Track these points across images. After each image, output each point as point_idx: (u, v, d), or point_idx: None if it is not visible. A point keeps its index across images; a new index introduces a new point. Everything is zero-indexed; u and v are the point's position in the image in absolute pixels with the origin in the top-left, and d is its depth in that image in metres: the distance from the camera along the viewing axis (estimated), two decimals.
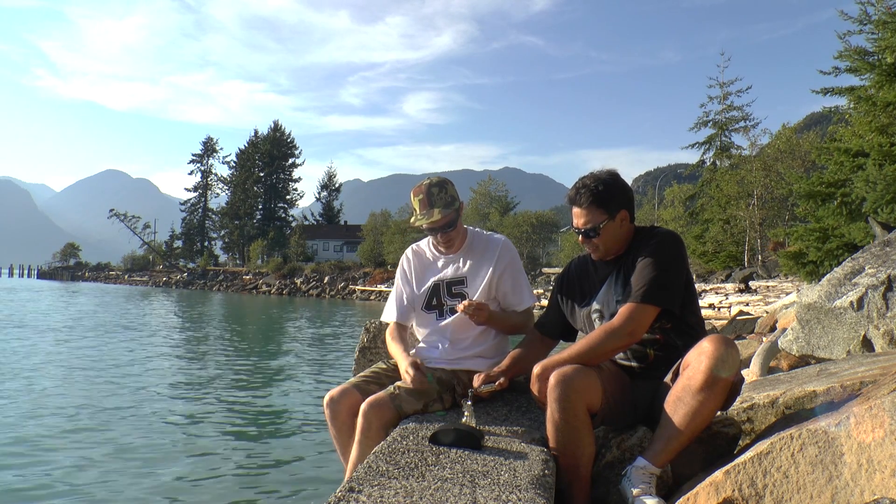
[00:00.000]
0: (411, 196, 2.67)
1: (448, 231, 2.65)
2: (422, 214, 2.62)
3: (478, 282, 2.67)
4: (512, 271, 2.69)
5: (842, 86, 14.22)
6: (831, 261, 12.14)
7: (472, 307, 2.51)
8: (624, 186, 2.32)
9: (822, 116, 21.35)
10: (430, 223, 2.61)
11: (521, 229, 44.71)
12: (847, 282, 3.96)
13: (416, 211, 2.65)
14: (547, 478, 1.86)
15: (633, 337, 2.17)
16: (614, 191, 2.27)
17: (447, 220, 2.62)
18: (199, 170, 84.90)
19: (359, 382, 2.58)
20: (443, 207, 2.60)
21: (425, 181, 2.68)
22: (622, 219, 2.28)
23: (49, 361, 10.78)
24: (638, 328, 2.16)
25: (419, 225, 2.64)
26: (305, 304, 37.17)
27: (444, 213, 2.59)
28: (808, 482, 1.64)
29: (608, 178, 2.29)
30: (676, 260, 2.23)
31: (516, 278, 2.70)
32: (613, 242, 2.30)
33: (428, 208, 2.61)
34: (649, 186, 58.18)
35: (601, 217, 2.26)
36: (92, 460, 5.29)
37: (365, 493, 1.66)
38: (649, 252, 2.21)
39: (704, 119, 38.29)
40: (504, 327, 2.70)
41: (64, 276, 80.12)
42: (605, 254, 2.34)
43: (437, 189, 2.62)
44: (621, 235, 2.30)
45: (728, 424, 2.27)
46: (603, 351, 2.17)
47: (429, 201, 2.61)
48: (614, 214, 2.26)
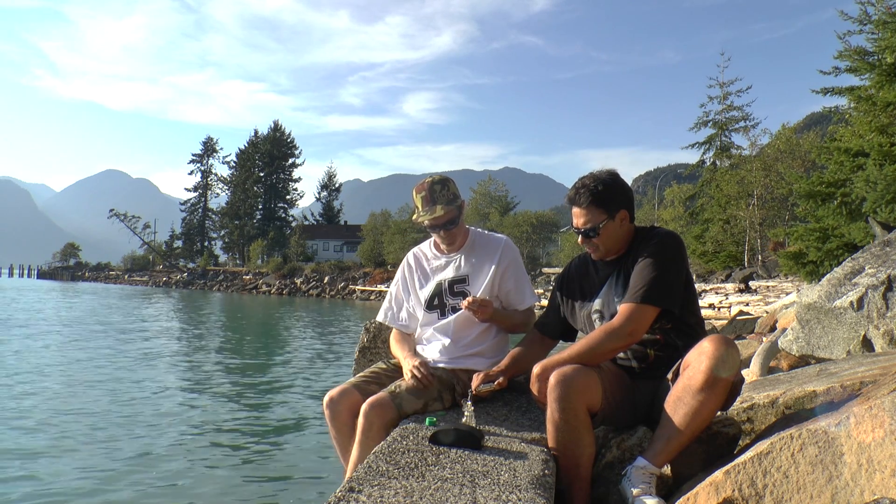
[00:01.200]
0: (413, 194, 2.68)
1: (450, 228, 2.66)
2: (424, 211, 2.62)
3: (480, 280, 2.67)
4: (514, 270, 2.70)
5: (842, 86, 14.23)
6: (831, 261, 12.14)
7: (476, 303, 2.52)
8: (623, 186, 2.32)
9: (822, 116, 21.35)
10: (433, 219, 2.61)
11: (521, 229, 44.71)
12: (847, 282, 3.96)
13: (419, 208, 2.65)
14: (547, 478, 1.86)
15: (633, 337, 2.17)
16: (614, 191, 2.27)
17: (449, 217, 2.63)
18: (199, 170, 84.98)
19: (359, 382, 2.58)
20: (445, 204, 2.61)
21: (427, 179, 2.69)
22: (622, 219, 2.28)
23: (48, 361, 10.78)
24: (638, 328, 2.16)
25: (421, 221, 2.65)
26: (305, 304, 37.17)
27: (447, 210, 2.60)
28: (808, 482, 1.64)
29: (608, 178, 2.29)
30: (676, 260, 2.23)
31: (518, 277, 2.71)
32: (613, 242, 2.30)
33: (430, 205, 2.61)
34: (649, 186, 58.19)
35: (601, 217, 2.26)
36: (91, 460, 5.29)
37: (365, 493, 1.66)
38: (649, 252, 2.21)
39: (704, 119, 38.29)
40: (506, 325, 2.70)
41: (64, 276, 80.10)
42: (605, 254, 2.33)
43: (439, 186, 2.63)
44: (621, 235, 2.30)
45: (728, 424, 2.27)
46: (603, 351, 2.17)
47: (431, 198, 2.62)
48: (614, 214, 2.26)
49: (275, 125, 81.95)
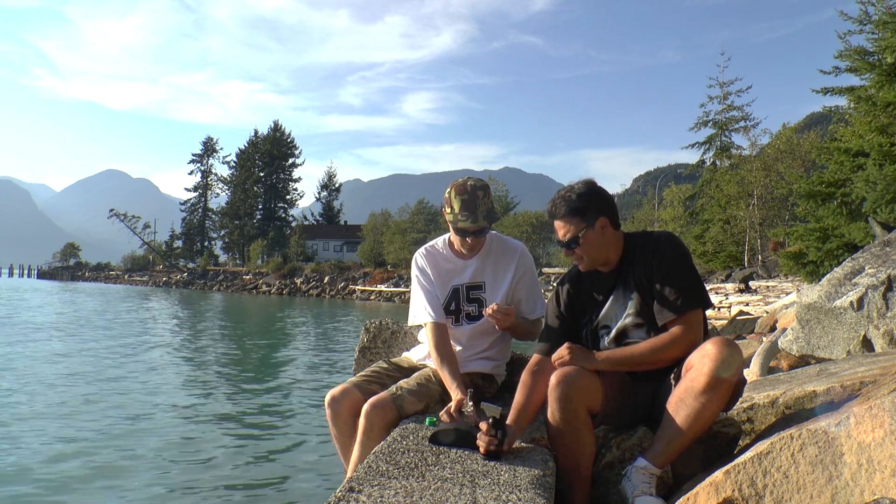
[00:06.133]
0: (451, 192, 2.55)
1: (480, 236, 2.60)
2: (463, 216, 2.51)
3: (497, 289, 2.64)
4: (529, 279, 2.67)
5: (842, 86, 14.24)
6: (831, 261, 12.14)
7: (499, 311, 2.47)
8: (601, 194, 2.26)
9: (823, 116, 21.35)
10: (475, 227, 2.53)
11: (521, 229, 44.72)
12: (847, 282, 3.96)
13: (456, 210, 2.52)
14: (547, 478, 1.86)
15: (692, 347, 2.08)
16: (590, 199, 2.22)
17: (485, 226, 2.57)
18: (199, 170, 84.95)
19: (359, 382, 2.58)
20: (486, 216, 2.53)
21: (469, 181, 2.57)
22: (602, 226, 2.22)
23: (47, 361, 10.77)
24: (699, 336, 2.13)
25: (460, 226, 2.54)
26: (305, 304, 37.17)
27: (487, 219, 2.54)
28: (808, 482, 1.64)
29: (582, 188, 2.24)
30: (691, 260, 2.25)
31: (531, 287, 2.68)
32: (598, 252, 2.24)
33: (472, 211, 2.51)
34: (649, 186, 58.13)
35: (580, 226, 2.21)
36: (90, 460, 5.29)
37: (365, 493, 1.66)
38: (669, 258, 2.17)
39: (704, 119, 38.30)
40: (518, 333, 2.67)
41: (64, 276, 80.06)
42: (590, 264, 2.27)
43: (482, 193, 2.54)
44: (604, 243, 2.23)
45: (728, 424, 2.27)
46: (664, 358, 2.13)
47: (473, 204, 2.52)
48: (593, 223, 2.21)
49: (275, 125, 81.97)
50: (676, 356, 2.11)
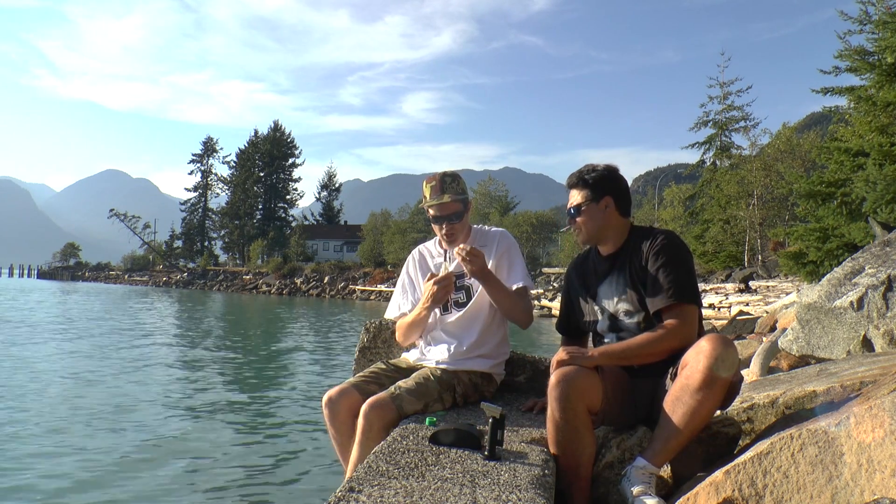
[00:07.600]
0: (423, 185, 2.73)
1: (454, 222, 2.68)
2: (432, 198, 2.66)
3: None
4: (508, 255, 2.73)
5: (842, 85, 14.23)
6: (831, 261, 12.13)
7: (465, 251, 2.49)
8: (616, 177, 2.37)
9: (822, 116, 21.34)
10: (439, 205, 2.65)
11: (521, 229, 44.69)
12: (847, 282, 3.96)
13: (426, 197, 2.70)
14: (547, 478, 1.86)
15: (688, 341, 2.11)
16: (603, 177, 2.35)
17: (455, 210, 2.67)
18: (199, 170, 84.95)
19: (358, 382, 2.58)
20: (453, 194, 2.66)
21: (439, 172, 2.75)
22: (606, 204, 2.32)
23: (46, 361, 10.78)
24: (693, 331, 2.16)
25: (431, 212, 2.69)
26: (305, 304, 37.16)
27: (454, 199, 2.64)
28: (808, 482, 1.64)
29: (602, 167, 2.38)
30: (689, 259, 2.29)
31: (512, 260, 2.72)
32: (595, 227, 2.33)
33: (439, 193, 2.66)
34: (649, 186, 58.12)
35: (585, 198, 2.34)
36: (89, 460, 5.28)
37: (365, 493, 1.66)
38: (666, 252, 2.20)
39: (704, 119, 38.32)
40: (502, 303, 2.62)
41: (64, 276, 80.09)
42: (587, 237, 2.37)
43: (450, 178, 2.70)
44: (605, 221, 2.32)
45: (728, 424, 2.27)
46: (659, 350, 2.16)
47: (441, 188, 2.67)
48: (598, 198, 2.32)
49: (275, 125, 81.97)
50: (672, 348, 2.14)
